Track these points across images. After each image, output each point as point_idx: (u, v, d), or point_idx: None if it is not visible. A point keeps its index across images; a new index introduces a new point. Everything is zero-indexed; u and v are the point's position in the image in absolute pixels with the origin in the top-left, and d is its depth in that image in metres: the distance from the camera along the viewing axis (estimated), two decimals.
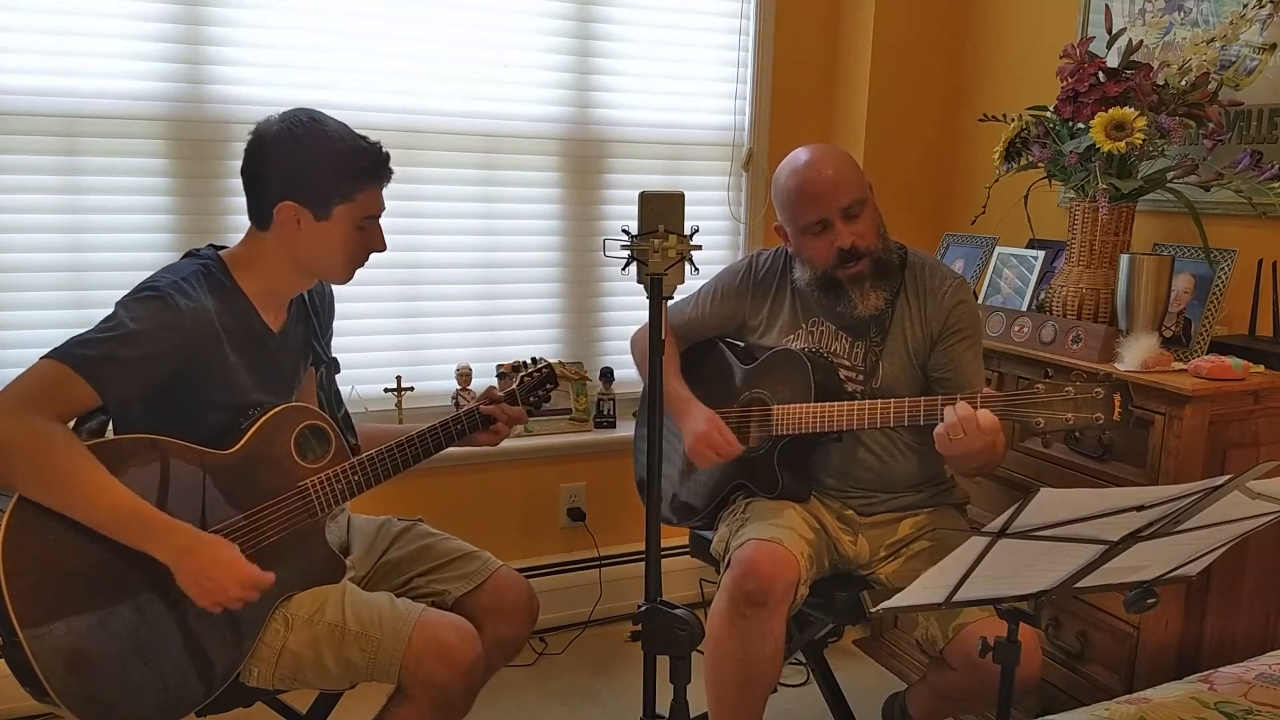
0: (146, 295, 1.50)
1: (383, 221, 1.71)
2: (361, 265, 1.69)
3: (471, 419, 1.82)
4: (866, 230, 1.87)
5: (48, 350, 1.44)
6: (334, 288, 1.88)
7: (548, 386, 1.93)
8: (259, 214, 1.62)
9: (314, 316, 1.79)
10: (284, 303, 1.69)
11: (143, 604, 1.45)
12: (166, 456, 1.49)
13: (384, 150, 1.65)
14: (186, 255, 1.65)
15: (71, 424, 1.48)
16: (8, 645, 1.37)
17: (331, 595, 1.62)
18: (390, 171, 1.67)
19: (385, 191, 1.70)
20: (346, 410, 1.87)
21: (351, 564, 1.77)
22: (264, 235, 1.63)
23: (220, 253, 1.64)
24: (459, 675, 1.60)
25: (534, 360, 1.93)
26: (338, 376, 1.88)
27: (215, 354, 1.55)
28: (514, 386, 1.90)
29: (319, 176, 1.58)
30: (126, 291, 1.53)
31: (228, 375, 1.57)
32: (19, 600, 1.35)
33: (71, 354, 1.42)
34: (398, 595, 1.71)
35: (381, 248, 1.69)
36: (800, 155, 1.90)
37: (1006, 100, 2.72)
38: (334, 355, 1.86)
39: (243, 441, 1.57)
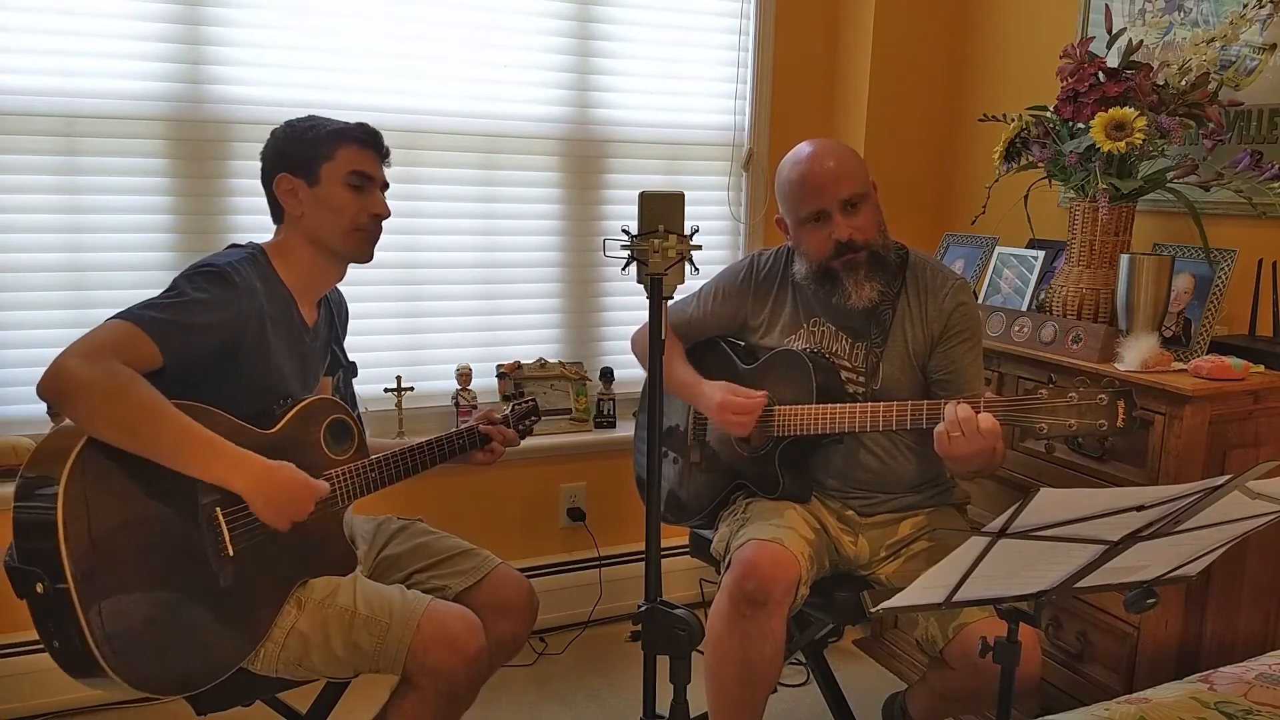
0: (206, 270, 1.59)
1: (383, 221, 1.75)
2: (370, 234, 1.74)
3: (472, 436, 1.91)
4: (866, 224, 1.87)
5: (112, 315, 1.50)
6: (346, 289, 1.91)
7: (532, 418, 2.06)
8: (272, 203, 1.73)
9: (335, 322, 1.86)
10: (316, 299, 1.78)
11: (182, 568, 1.49)
12: (216, 424, 1.53)
13: (368, 124, 1.75)
14: (231, 246, 1.74)
15: None
16: (51, 593, 1.39)
17: (344, 582, 1.67)
18: (377, 142, 1.75)
19: (387, 190, 1.76)
20: (360, 414, 1.90)
21: (359, 558, 1.78)
22: (283, 224, 1.74)
23: (262, 245, 1.73)
24: (465, 663, 1.62)
25: (521, 392, 2.02)
26: (353, 380, 1.94)
27: (262, 335, 1.62)
28: (507, 413, 2.00)
29: (303, 145, 1.70)
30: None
31: (270, 358, 1.64)
32: (73, 545, 1.38)
33: (140, 315, 1.50)
34: None
35: (384, 212, 1.75)
36: (804, 148, 1.90)
37: (1006, 100, 2.72)
38: (351, 360, 1.93)
39: (281, 424, 1.63)
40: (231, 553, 1.53)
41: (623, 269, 1.42)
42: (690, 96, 2.86)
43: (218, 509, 1.52)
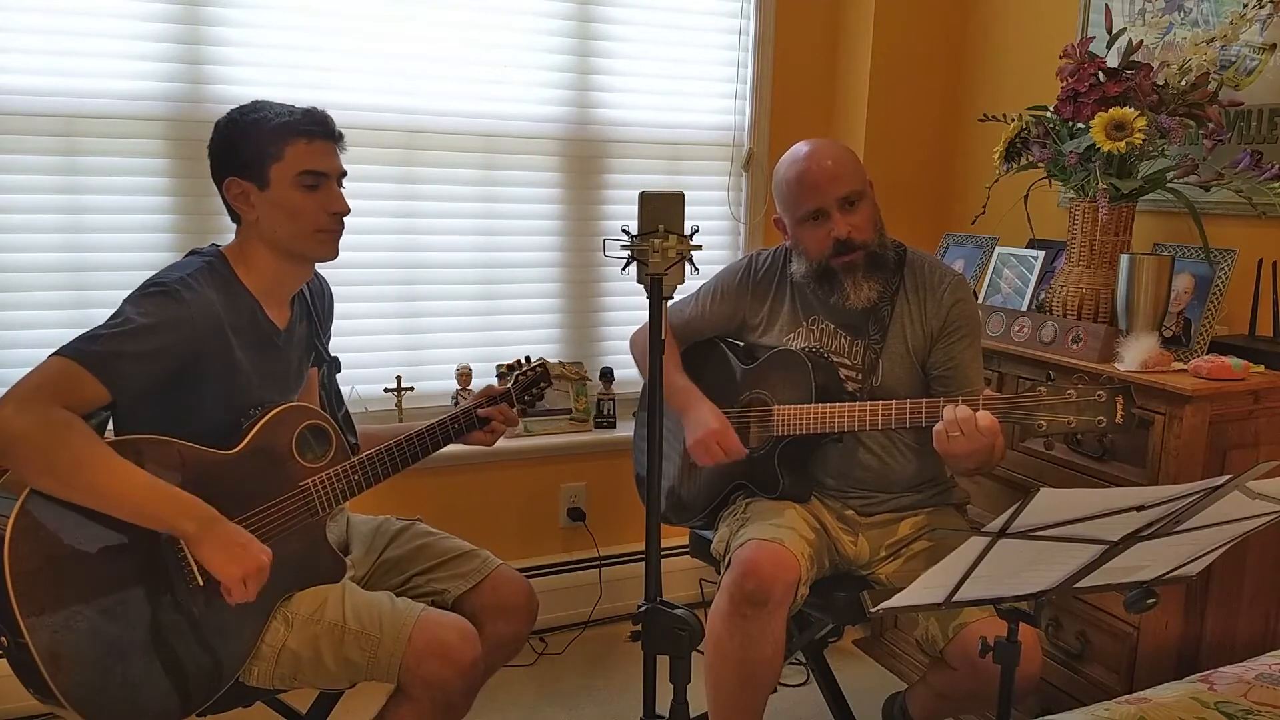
0: (153, 291, 1.51)
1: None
2: (333, 232, 1.65)
3: (469, 418, 1.83)
4: (863, 223, 1.87)
5: (54, 349, 1.43)
6: (333, 288, 1.89)
7: (541, 385, 1.94)
8: (225, 204, 1.65)
9: (315, 315, 1.79)
10: (286, 299, 1.70)
11: (148, 604, 1.46)
12: (170, 456, 1.49)
13: (315, 110, 1.63)
14: (191, 253, 1.66)
15: None
16: (13, 647, 1.37)
17: (332, 594, 1.63)
18: (328, 129, 1.63)
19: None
20: (347, 410, 1.88)
21: (351, 564, 1.77)
22: (240, 227, 1.65)
23: (222, 249, 1.66)
24: (459, 674, 1.60)
25: (527, 359, 1.94)
26: (338, 376, 1.88)
27: (222, 350, 1.55)
28: (509, 386, 1.90)
29: (246, 144, 1.59)
30: (129, 290, 1.54)
31: (233, 371, 1.58)
32: (25, 599, 1.35)
33: (80, 350, 1.43)
34: (397, 594, 1.71)
35: (342, 209, 1.64)
36: (801, 147, 1.91)
37: (1006, 100, 2.72)
38: (335, 355, 1.87)
39: (245, 441, 1.57)
40: (201, 583, 1.48)
41: (623, 269, 1.42)
42: (690, 96, 2.85)
43: (181, 540, 1.46)
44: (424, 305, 2.66)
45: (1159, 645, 1.94)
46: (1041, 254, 2.41)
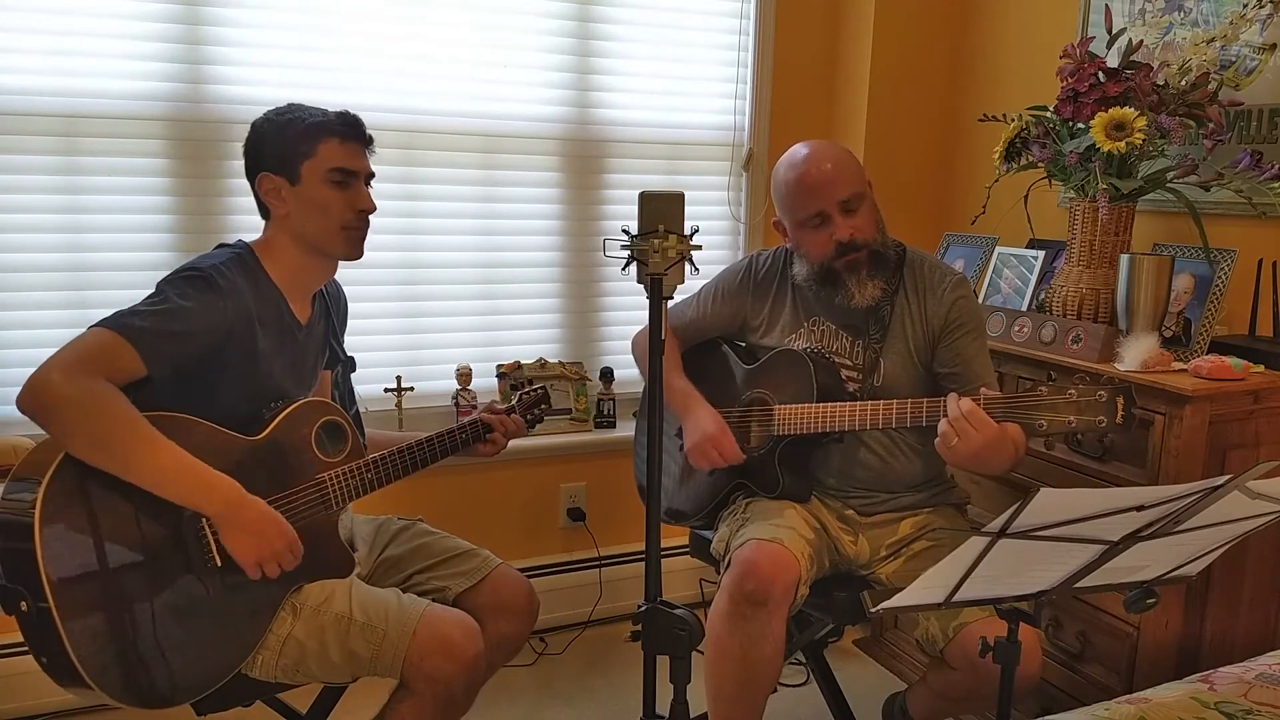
0: (190, 275, 1.55)
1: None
2: (358, 232, 1.70)
3: (476, 429, 1.88)
4: (864, 224, 1.87)
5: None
6: (346, 290, 1.92)
7: (542, 407, 2.03)
8: (257, 200, 1.70)
9: (333, 315, 1.83)
10: (309, 295, 1.75)
11: (168, 578, 1.48)
12: (198, 435, 1.52)
13: (348, 113, 1.70)
14: (219, 246, 1.71)
15: None
16: (34, 611, 1.38)
17: (339, 587, 1.65)
18: (359, 132, 1.69)
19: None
20: (359, 410, 1.90)
21: (357, 561, 1.78)
22: (270, 222, 1.70)
23: (250, 243, 1.70)
24: (462, 670, 1.62)
25: (529, 381, 1.99)
26: (352, 376, 1.92)
27: (250, 338, 1.60)
28: (513, 403, 1.97)
29: (282, 142, 1.66)
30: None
31: (258, 361, 1.61)
32: (52, 564, 1.38)
33: (122, 324, 1.47)
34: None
35: (369, 207, 1.70)
36: (799, 150, 1.90)
37: (1006, 100, 2.72)
38: (350, 355, 1.91)
39: (268, 430, 1.61)
40: (219, 563, 1.51)
41: (623, 269, 1.42)
42: (690, 96, 2.85)
43: (203, 520, 1.50)
44: (424, 305, 2.66)
45: (1159, 645, 1.94)
46: (1041, 254, 2.41)
